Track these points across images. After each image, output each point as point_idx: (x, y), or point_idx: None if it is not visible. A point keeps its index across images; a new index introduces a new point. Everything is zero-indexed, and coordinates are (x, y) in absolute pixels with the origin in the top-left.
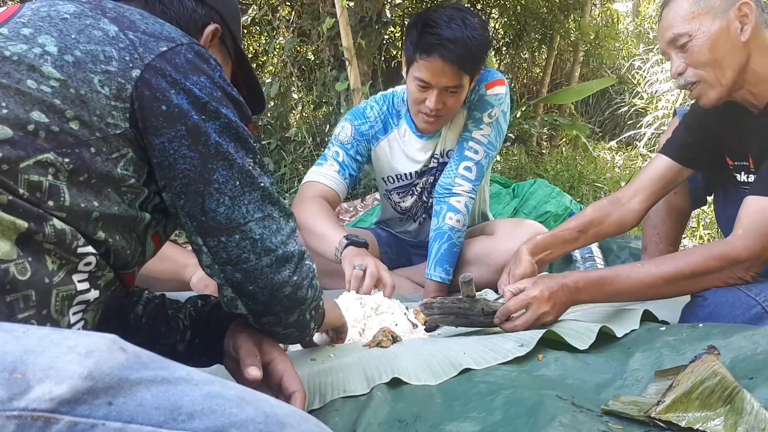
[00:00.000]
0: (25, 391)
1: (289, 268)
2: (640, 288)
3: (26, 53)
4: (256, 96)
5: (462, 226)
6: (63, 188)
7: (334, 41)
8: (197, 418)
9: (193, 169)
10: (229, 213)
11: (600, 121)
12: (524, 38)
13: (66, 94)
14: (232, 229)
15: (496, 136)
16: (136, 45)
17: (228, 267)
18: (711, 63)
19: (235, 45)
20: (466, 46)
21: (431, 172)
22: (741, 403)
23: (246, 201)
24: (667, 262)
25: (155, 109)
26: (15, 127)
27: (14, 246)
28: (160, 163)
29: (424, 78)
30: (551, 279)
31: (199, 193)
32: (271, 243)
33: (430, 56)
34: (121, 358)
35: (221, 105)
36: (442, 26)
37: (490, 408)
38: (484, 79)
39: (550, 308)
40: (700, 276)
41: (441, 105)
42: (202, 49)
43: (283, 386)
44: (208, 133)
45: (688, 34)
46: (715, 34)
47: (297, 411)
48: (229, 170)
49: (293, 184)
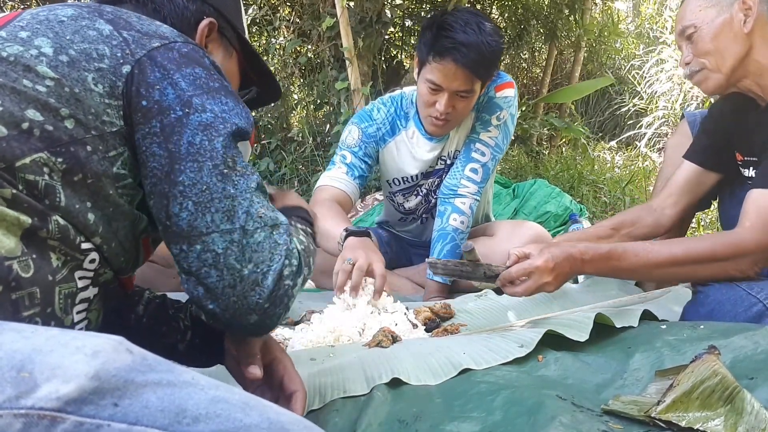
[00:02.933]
0: (32, 389)
1: (260, 293)
2: (646, 266)
3: (22, 54)
4: (269, 84)
5: (465, 228)
6: (58, 188)
7: (335, 41)
8: (202, 421)
9: (160, 168)
10: (192, 220)
11: (600, 121)
12: (525, 38)
13: (61, 93)
14: (193, 238)
15: (503, 139)
16: (129, 42)
17: (191, 278)
18: (713, 51)
19: (237, 36)
20: (480, 51)
21: (438, 173)
22: (741, 403)
23: (212, 209)
24: (676, 244)
25: (136, 104)
26: (9, 125)
27: (19, 242)
28: (138, 160)
29: (436, 80)
30: (558, 248)
31: (164, 195)
32: (237, 261)
33: (444, 59)
34: (127, 360)
35: (213, 98)
36: (458, 30)
37: (490, 408)
38: (494, 81)
39: (553, 278)
40: (707, 262)
41: (451, 108)
42: (198, 47)
43: (283, 386)
44: (183, 132)
45: (695, 26)
46: (718, 25)
47: (301, 419)
48: (197, 173)
49: (293, 184)
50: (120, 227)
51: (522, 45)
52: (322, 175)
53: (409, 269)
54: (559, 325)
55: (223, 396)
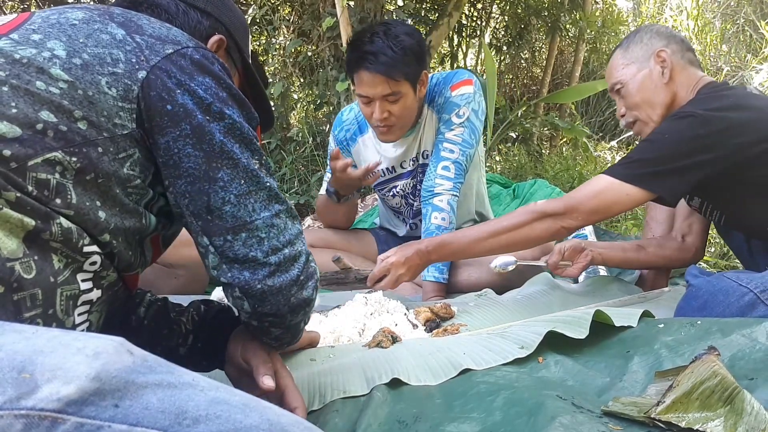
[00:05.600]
0: (33, 390)
1: (297, 267)
2: (470, 243)
3: (36, 56)
4: (264, 113)
5: (448, 223)
6: (69, 187)
7: (335, 41)
8: (202, 423)
9: (197, 168)
10: (235, 211)
11: (600, 121)
12: (525, 37)
13: (74, 96)
14: (238, 228)
15: (470, 134)
16: (143, 47)
17: (235, 266)
18: (641, 104)
19: (242, 58)
20: (387, 54)
21: (409, 175)
22: (741, 404)
23: (252, 200)
24: (494, 221)
25: (160, 109)
26: (24, 126)
27: (21, 244)
28: (165, 162)
29: (362, 92)
30: (409, 247)
31: (204, 192)
32: (278, 241)
33: (359, 71)
34: (128, 361)
35: (226, 106)
36: (365, 41)
37: (490, 409)
38: (449, 81)
39: (406, 270)
40: (516, 228)
41: (387, 114)
42: (208, 52)
43: (285, 401)
44: (213, 133)
45: (620, 82)
46: (640, 79)
47: (301, 420)
48: (233, 169)
49: (293, 184)
50: (128, 225)
51: (522, 44)
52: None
53: None
54: (559, 322)
55: (224, 397)
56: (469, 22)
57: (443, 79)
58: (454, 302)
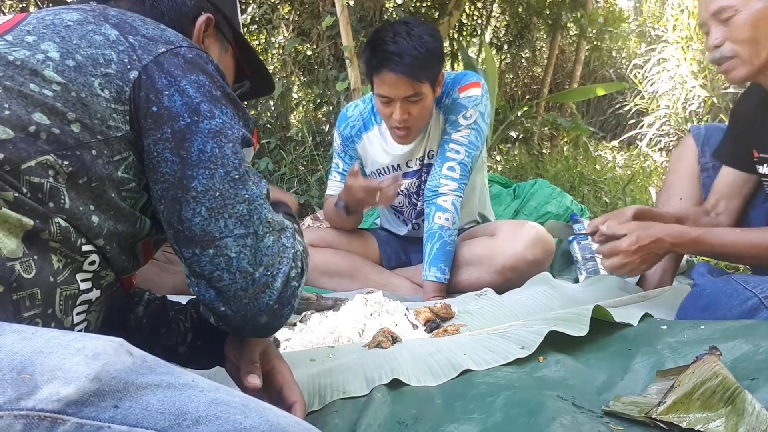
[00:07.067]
0: (33, 391)
1: (269, 295)
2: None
3: (29, 58)
4: (263, 77)
5: (452, 224)
6: (63, 190)
7: (334, 40)
8: (202, 424)
9: (172, 174)
10: (205, 225)
11: (601, 120)
12: (526, 36)
13: (67, 98)
14: (206, 243)
15: (476, 136)
16: (135, 48)
17: (202, 282)
18: (749, 40)
19: (232, 30)
20: (412, 55)
21: (414, 174)
22: (742, 404)
23: (226, 214)
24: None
25: (146, 110)
26: (16, 128)
27: (20, 244)
28: (147, 165)
29: (383, 93)
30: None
31: (176, 200)
32: (249, 264)
33: (381, 72)
34: (128, 362)
35: (218, 105)
36: (388, 41)
37: (490, 409)
38: (458, 83)
39: (639, 262)
40: None
41: (407, 115)
42: (203, 52)
43: (283, 396)
44: (194, 139)
45: (734, 8)
46: (759, 12)
47: (301, 422)
48: (209, 179)
49: (293, 183)
50: (122, 229)
51: (523, 43)
52: (329, 182)
53: (408, 269)
54: (559, 320)
55: (223, 398)
56: (470, 21)
57: (452, 80)
58: (454, 302)
